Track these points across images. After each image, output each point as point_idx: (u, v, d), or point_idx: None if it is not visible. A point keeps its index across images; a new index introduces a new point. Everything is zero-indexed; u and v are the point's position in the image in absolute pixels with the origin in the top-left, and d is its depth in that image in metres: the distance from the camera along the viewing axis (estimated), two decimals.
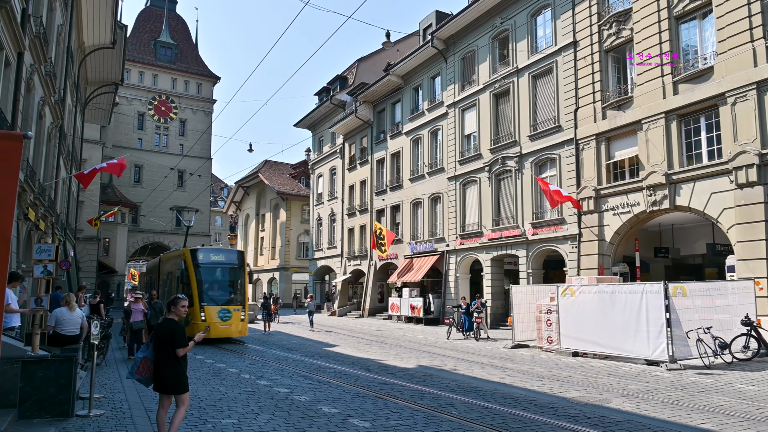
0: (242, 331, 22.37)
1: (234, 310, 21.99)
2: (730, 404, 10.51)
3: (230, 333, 22.00)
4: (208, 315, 21.32)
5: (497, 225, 29.67)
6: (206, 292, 22.02)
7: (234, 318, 21.85)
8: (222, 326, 21.44)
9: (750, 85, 18.79)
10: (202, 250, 23.85)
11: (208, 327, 19.84)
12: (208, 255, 23.24)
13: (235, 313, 21.98)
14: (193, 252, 22.92)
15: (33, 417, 8.86)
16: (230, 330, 21.84)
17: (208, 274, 22.56)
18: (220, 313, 21.55)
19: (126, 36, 33.16)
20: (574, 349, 18.20)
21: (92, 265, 47.07)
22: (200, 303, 21.44)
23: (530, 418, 9.48)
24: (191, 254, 22.62)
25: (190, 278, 21.95)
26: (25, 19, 15.60)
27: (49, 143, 22.80)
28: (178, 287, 22.89)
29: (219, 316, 21.44)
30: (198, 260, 22.47)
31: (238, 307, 22.27)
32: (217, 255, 23.63)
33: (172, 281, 24.74)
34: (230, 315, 21.76)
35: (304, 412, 9.88)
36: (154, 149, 60.49)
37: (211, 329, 20.66)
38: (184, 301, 7.61)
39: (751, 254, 18.52)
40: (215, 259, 23.19)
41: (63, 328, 11.82)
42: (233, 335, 22.30)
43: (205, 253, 23.27)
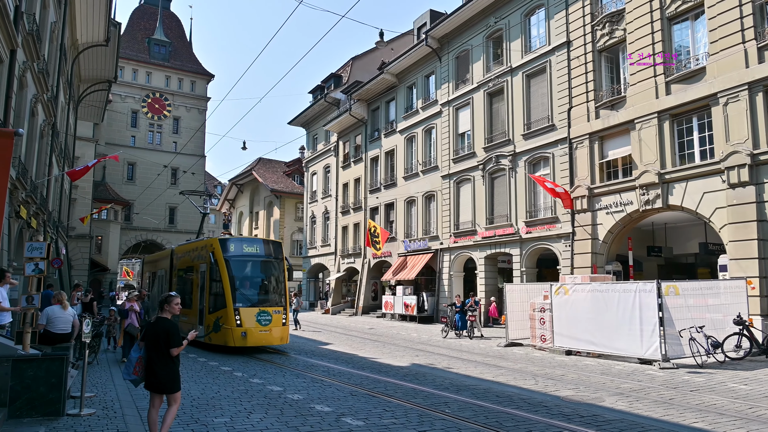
0: (284, 337, 19.03)
1: (274, 313, 18.68)
2: (723, 403, 10.55)
3: (271, 340, 18.62)
4: (245, 319, 18.03)
5: (491, 223, 29.69)
6: (241, 291, 18.73)
7: (274, 322, 18.57)
8: (261, 332, 18.15)
9: (742, 85, 18.86)
10: (233, 240, 20.34)
11: (245, 333, 17.71)
12: (240, 246, 19.75)
13: (276, 317, 18.68)
14: (223, 242, 19.43)
15: (23, 416, 8.80)
16: (271, 336, 18.49)
17: (242, 269, 19.31)
18: (259, 316, 18.25)
19: (120, 33, 32.98)
20: (567, 348, 18.24)
21: (84, 263, 46.89)
22: (234, 304, 18.07)
23: (523, 416, 9.49)
24: (221, 245, 19.16)
25: (221, 274, 18.51)
26: (18, 16, 15.54)
27: (41, 141, 22.69)
28: (202, 285, 19.83)
29: (257, 320, 18.17)
30: (229, 252, 19.04)
31: (278, 309, 18.93)
32: (250, 246, 20.04)
33: (193, 278, 21.18)
34: (270, 318, 18.45)
35: (297, 410, 9.86)
36: (147, 147, 60.28)
37: (248, 336, 17.82)
38: (177, 298, 7.60)
39: (743, 254, 18.58)
40: (249, 250, 19.71)
41: (54, 327, 11.76)
42: (274, 343, 18.84)
43: (237, 244, 19.78)
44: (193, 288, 20.94)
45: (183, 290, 21.76)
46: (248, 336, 17.75)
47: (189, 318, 20.44)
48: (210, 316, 18.79)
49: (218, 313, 18.31)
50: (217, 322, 18.26)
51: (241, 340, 17.63)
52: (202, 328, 19.10)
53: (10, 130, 6.32)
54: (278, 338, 18.68)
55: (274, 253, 20.10)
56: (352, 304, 43.27)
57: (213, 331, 18.41)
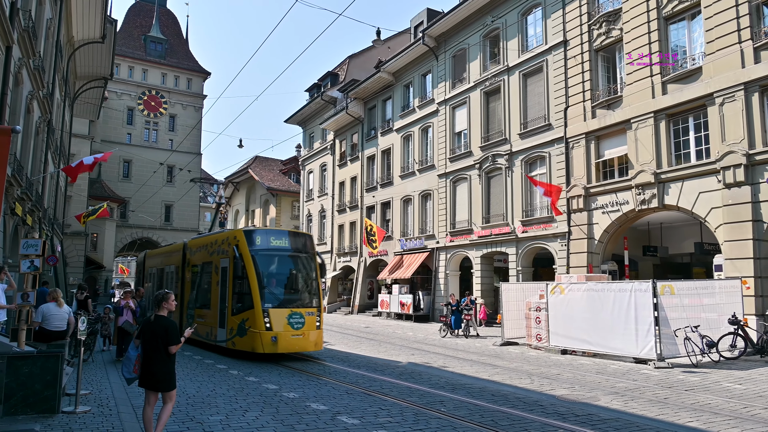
0: (318, 342, 16.94)
1: (307, 315, 16.54)
2: (717, 402, 10.57)
3: (305, 346, 16.53)
4: (275, 321, 15.91)
5: (487, 222, 29.72)
6: (270, 290, 16.67)
7: (308, 325, 16.44)
8: (293, 337, 16.06)
9: (738, 85, 18.92)
10: (259, 231, 18.27)
11: (275, 338, 15.67)
12: (267, 238, 17.55)
13: (309, 319, 16.54)
14: (249, 234, 17.31)
15: (18, 413, 8.77)
16: (304, 342, 16.42)
17: (271, 265, 17.22)
18: (291, 318, 16.14)
19: (116, 30, 32.92)
20: (562, 347, 18.27)
21: (80, 261, 46.78)
22: (263, 304, 15.99)
23: (519, 415, 9.50)
24: (246, 237, 17.01)
25: (247, 270, 16.39)
26: (13, 12, 15.50)
27: (37, 137, 22.63)
28: (223, 283, 17.72)
29: (289, 323, 16.06)
30: (255, 245, 16.89)
31: (312, 310, 16.85)
32: (279, 239, 17.79)
33: (211, 275, 18.90)
34: (303, 321, 16.34)
35: (293, 408, 9.86)
36: (143, 144, 60.03)
37: (279, 341, 15.73)
38: (173, 295, 7.63)
39: (738, 254, 18.64)
40: (277, 243, 17.53)
41: (50, 324, 11.74)
42: (308, 349, 16.74)
43: (263, 236, 17.61)
44: (211, 286, 18.77)
45: (199, 289, 20.18)
46: (279, 341, 15.72)
47: (207, 320, 18.80)
48: (233, 318, 16.76)
49: (243, 315, 16.27)
50: (242, 325, 16.27)
51: (271, 345, 15.61)
52: (223, 332, 17.30)
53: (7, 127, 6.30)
54: (312, 343, 16.63)
55: (306, 246, 18.17)
56: (348, 303, 43.26)
57: (237, 335, 16.45)
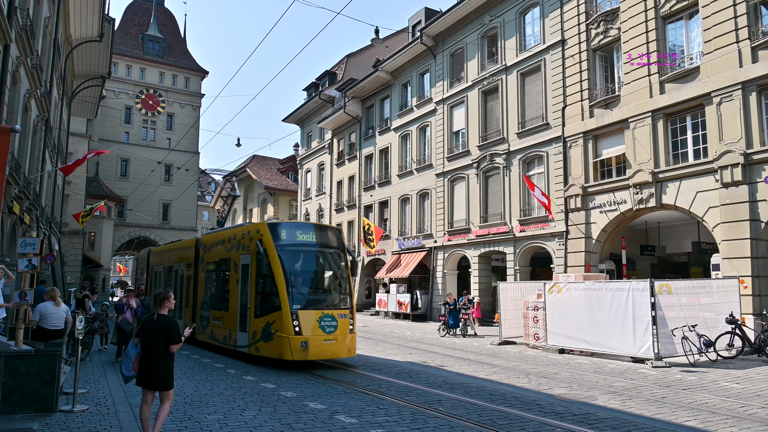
0: (351, 348, 15.30)
1: (340, 317, 15.00)
2: (715, 402, 10.59)
3: (337, 352, 14.87)
4: (304, 325, 14.34)
5: (485, 222, 29.73)
6: (299, 289, 15.17)
7: (340, 328, 14.85)
8: (325, 342, 14.52)
9: (735, 85, 18.94)
10: (284, 224, 16.57)
11: (306, 344, 14.10)
12: (293, 232, 15.96)
13: (342, 322, 14.98)
14: (274, 228, 15.69)
15: (16, 412, 8.76)
16: (337, 347, 14.80)
17: (299, 262, 15.71)
18: (322, 321, 14.63)
19: (113, 29, 32.87)
20: (560, 346, 18.29)
21: (77, 259, 46.71)
22: (291, 306, 14.40)
23: (517, 414, 9.51)
24: (271, 231, 15.43)
25: (273, 267, 14.80)
26: (11, 11, 15.50)
27: (34, 136, 22.61)
28: (244, 281, 16.09)
29: (321, 326, 14.56)
30: (281, 240, 15.34)
31: (344, 312, 15.30)
32: (305, 233, 16.13)
33: (230, 273, 17.20)
34: (335, 324, 14.79)
35: (290, 407, 9.85)
36: (141, 143, 60.01)
37: (310, 346, 14.15)
38: (171, 293, 7.65)
39: (735, 253, 18.67)
40: (304, 238, 15.90)
41: (47, 323, 11.72)
42: (341, 355, 15.04)
43: (289, 230, 16.02)
44: (230, 285, 17.14)
45: (215, 288, 18.77)
46: (309, 346, 14.18)
47: (224, 322, 17.28)
48: (257, 320, 15.17)
49: (268, 317, 14.71)
50: (267, 328, 14.70)
51: (300, 351, 14.07)
52: (245, 336, 15.68)
53: (6, 126, 6.30)
54: (345, 349, 15.05)
55: (335, 241, 16.65)
56: None
57: (262, 340, 14.90)
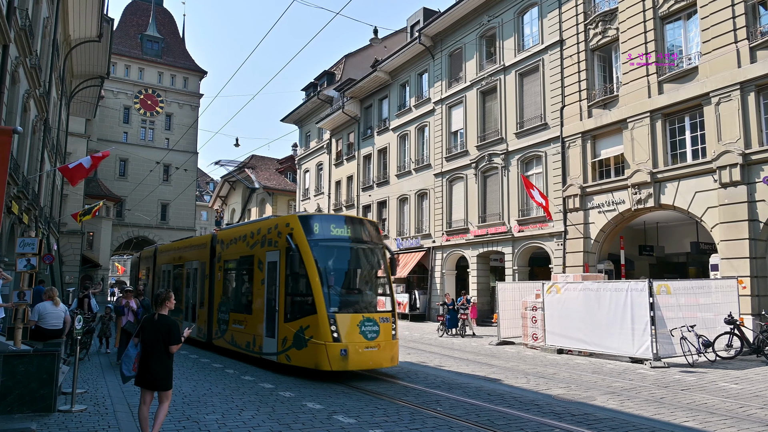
0: (394, 356, 13.68)
1: (381, 321, 13.41)
2: (714, 402, 10.59)
3: (379, 361, 13.23)
4: (343, 330, 12.79)
5: (483, 222, 29.74)
6: (336, 290, 13.69)
7: (383, 334, 13.27)
8: (367, 350, 12.93)
9: (734, 85, 18.96)
10: (317, 217, 14.94)
11: (345, 351, 12.57)
12: (327, 226, 14.23)
13: (384, 327, 13.39)
14: (306, 220, 14.06)
15: (14, 412, 8.76)
16: (379, 356, 13.16)
17: (335, 259, 14.10)
18: (363, 326, 13.06)
19: (112, 29, 32.83)
20: (559, 347, 18.30)
21: (76, 259, 46.69)
22: (328, 308, 12.85)
23: (515, 414, 9.51)
24: (303, 224, 13.80)
25: (306, 265, 13.22)
26: (10, 11, 15.49)
27: (33, 136, 22.59)
28: (272, 281, 14.47)
29: (361, 332, 12.97)
30: (314, 234, 13.70)
31: (386, 315, 13.70)
32: (340, 226, 14.43)
33: (253, 272, 15.59)
34: (377, 329, 13.20)
35: (289, 407, 9.86)
36: (139, 143, 60.00)
37: (350, 355, 12.61)
38: (172, 293, 7.67)
39: (734, 253, 18.69)
40: (339, 232, 14.25)
41: (46, 323, 11.73)
42: (384, 364, 13.43)
43: (323, 223, 14.28)
44: (253, 286, 15.58)
45: (235, 289, 17.32)
46: (350, 355, 12.65)
47: (247, 327, 15.62)
48: (287, 325, 13.62)
49: (301, 322, 13.23)
50: (299, 334, 13.17)
51: (339, 361, 12.58)
52: (273, 342, 14.10)
53: (7, 128, 6.30)
54: (388, 358, 13.45)
55: (373, 236, 15.01)
56: None
57: (293, 347, 13.35)
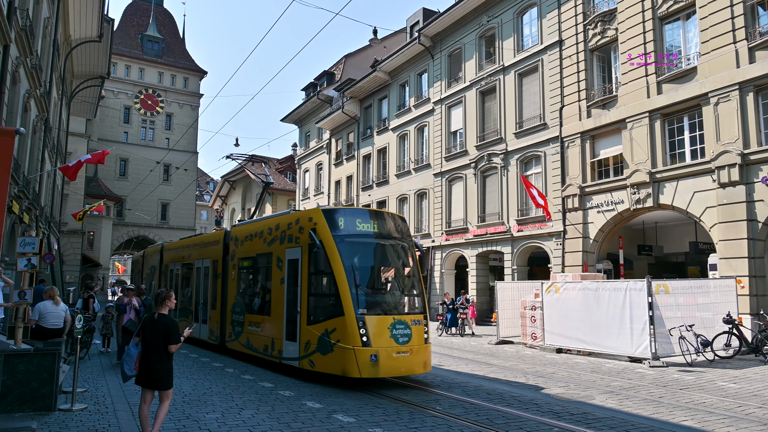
0: (427, 362, 12.58)
1: (414, 324, 12.36)
2: (712, 401, 10.63)
3: (412, 367, 12.19)
4: (374, 333, 11.78)
5: (482, 221, 29.76)
6: (365, 290, 12.63)
7: (415, 338, 12.22)
8: (399, 355, 11.89)
9: (733, 85, 19.00)
10: (342, 211, 13.78)
11: (376, 357, 11.57)
12: (352, 221, 13.16)
13: (416, 330, 12.33)
14: (330, 214, 13.09)
15: (14, 411, 8.79)
16: (412, 361, 12.10)
17: (362, 257, 13.11)
18: (394, 329, 12.03)
19: (113, 30, 32.88)
20: (558, 346, 18.33)
21: (76, 259, 46.73)
22: (356, 310, 11.84)
23: (514, 414, 9.55)
24: (327, 219, 12.83)
25: (332, 263, 12.20)
26: (11, 11, 15.53)
27: (34, 136, 22.63)
28: (293, 280, 13.51)
29: (392, 335, 11.94)
30: (340, 230, 12.73)
31: (418, 317, 12.65)
32: (366, 221, 13.32)
33: (272, 270, 14.60)
34: (409, 333, 12.14)
35: (289, 407, 9.90)
36: (140, 143, 60.02)
37: (381, 360, 11.61)
38: (173, 293, 7.71)
39: (732, 253, 18.72)
40: (365, 228, 13.19)
41: (46, 322, 11.76)
42: (416, 371, 12.37)
43: (348, 218, 13.23)
44: (272, 285, 14.60)
45: (252, 288, 16.39)
46: (380, 361, 11.64)
47: (265, 329, 14.69)
48: (310, 328, 12.67)
49: (326, 324, 12.28)
50: (324, 337, 12.18)
51: (369, 367, 11.56)
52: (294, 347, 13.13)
53: (11, 129, 6.34)
54: (421, 363, 12.36)
55: (401, 231, 13.98)
56: None
57: (318, 352, 12.37)
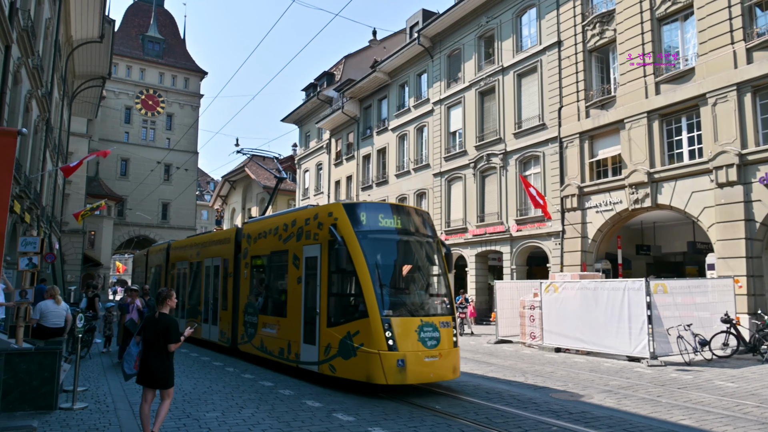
0: (456, 367, 11.74)
1: (442, 326, 11.49)
2: (710, 400, 10.67)
3: (442, 373, 11.34)
4: (400, 336, 10.89)
5: (482, 221, 29.82)
6: (390, 290, 11.76)
7: (444, 341, 11.35)
8: (428, 360, 11.01)
9: (730, 86, 19.05)
10: (363, 206, 12.90)
11: (403, 362, 10.68)
12: (375, 216, 12.25)
13: (445, 332, 11.48)
14: (351, 210, 12.22)
15: (16, 410, 8.83)
16: (441, 367, 11.22)
17: (386, 254, 12.21)
18: (422, 331, 11.12)
19: (114, 30, 32.96)
20: (556, 345, 18.39)
21: (77, 258, 46.76)
22: (381, 311, 10.97)
23: (513, 413, 9.59)
24: (348, 213, 12.01)
25: (355, 261, 11.36)
26: (12, 12, 15.59)
27: (35, 136, 22.69)
28: (310, 279, 12.73)
29: (420, 338, 11.04)
30: (362, 225, 11.89)
31: (446, 319, 11.77)
32: (389, 216, 12.35)
33: (287, 269, 13.78)
34: (438, 336, 11.27)
35: (289, 406, 9.95)
36: (140, 143, 60.04)
37: (408, 366, 10.72)
38: (174, 292, 7.76)
39: (730, 253, 18.78)
40: (388, 223, 12.25)
41: (47, 321, 11.80)
42: (445, 377, 11.51)
43: (370, 213, 12.34)
44: (288, 284, 13.73)
45: (266, 288, 15.46)
46: (408, 366, 10.75)
47: (280, 332, 13.86)
48: (330, 330, 11.80)
49: (349, 326, 11.41)
50: (346, 341, 11.30)
51: (396, 373, 10.68)
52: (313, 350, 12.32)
53: (13, 129, 6.40)
54: (450, 369, 11.49)
55: (426, 227, 13.01)
56: None
57: (339, 356, 11.48)
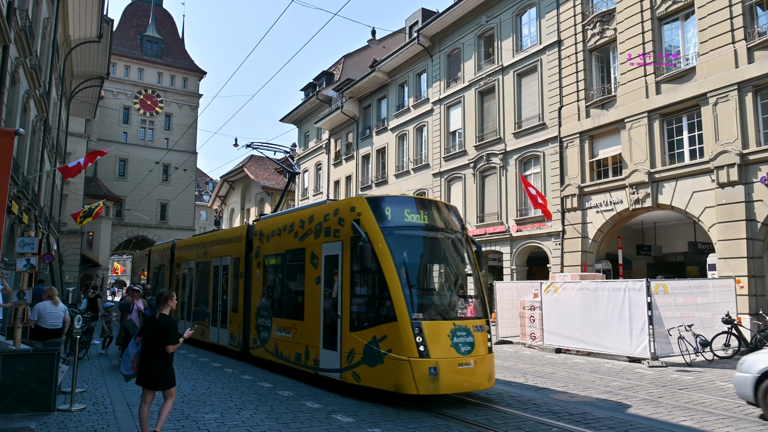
0: (491, 375, 10.82)
1: (476, 330, 10.67)
2: (711, 401, 10.66)
3: (477, 382, 10.44)
4: (432, 342, 9.99)
5: (482, 221, 29.77)
6: (419, 292, 11.06)
7: (478, 346, 10.50)
8: (462, 368, 10.12)
9: (731, 85, 19.00)
10: (388, 199, 11.79)
11: (435, 370, 9.78)
12: (401, 211, 11.32)
13: (479, 337, 10.64)
14: (375, 204, 11.28)
15: (14, 411, 8.80)
16: (475, 375, 10.33)
17: (414, 252, 11.41)
18: (455, 336, 10.26)
19: (112, 30, 32.87)
20: (557, 346, 18.36)
21: (75, 259, 46.73)
22: (410, 314, 10.06)
23: (513, 414, 9.57)
24: (372, 208, 11.10)
25: (380, 259, 10.45)
26: (10, 12, 15.53)
27: (33, 136, 22.62)
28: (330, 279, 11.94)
29: (453, 344, 10.17)
30: (387, 221, 10.98)
31: (480, 323, 10.98)
32: (415, 211, 11.42)
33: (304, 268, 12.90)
34: (472, 341, 10.42)
35: (288, 407, 9.92)
36: (139, 143, 60.00)
37: (441, 374, 9.83)
38: (173, 292, 7.76)
39: (731, 253, 18.73)
40: (415, 219, 11.34)
41: (45, 322, 11.77)
42: (480, 386, 10.59)
43: (396, 207, 11.40)
44: (306, 285, 12.84)
45: (281, 288, 14.67)
46: (440, 374, 9.85)
47: (296, 336, 13.04)
48: (354, 335, 10.93)
49: (374, 331, 10.51)
50: (372, 346, 10.43)
51: (428, 382, 9.77)
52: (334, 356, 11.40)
53: (10, 129, 6.35)
54: (485, 377, 10.59)
55: (455, 223, 12.14)
56: None
57: (364, 363, 10.58)
